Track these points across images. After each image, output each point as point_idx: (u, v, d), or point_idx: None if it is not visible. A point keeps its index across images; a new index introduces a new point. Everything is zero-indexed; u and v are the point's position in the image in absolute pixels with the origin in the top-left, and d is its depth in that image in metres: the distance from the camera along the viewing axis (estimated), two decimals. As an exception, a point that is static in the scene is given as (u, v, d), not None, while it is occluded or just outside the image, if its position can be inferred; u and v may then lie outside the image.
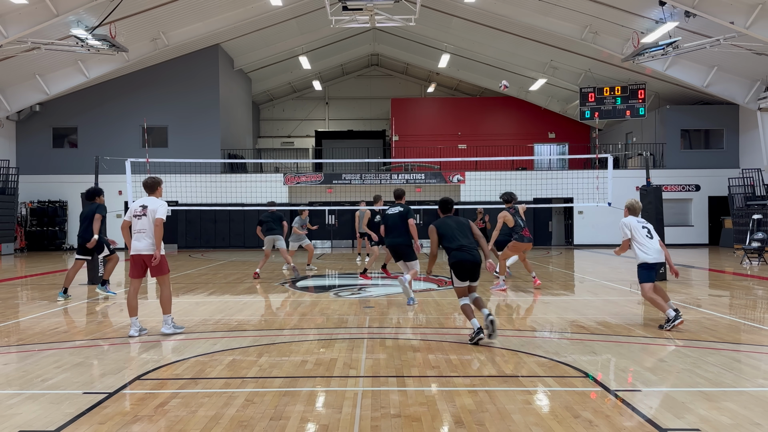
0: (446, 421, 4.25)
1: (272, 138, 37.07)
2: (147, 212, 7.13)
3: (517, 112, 33.58)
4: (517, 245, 11.04)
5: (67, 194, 26.27)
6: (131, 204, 7.39)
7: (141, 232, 7.12)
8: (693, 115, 27.29)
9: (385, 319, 8.25)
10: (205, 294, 11.28)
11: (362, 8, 17.54)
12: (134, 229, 7.16)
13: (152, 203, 7.21)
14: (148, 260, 7.10)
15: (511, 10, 22.79)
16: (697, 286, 12.16)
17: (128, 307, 7.24)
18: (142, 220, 7.12)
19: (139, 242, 7.12)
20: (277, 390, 5.01)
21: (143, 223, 7.11)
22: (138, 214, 7.15)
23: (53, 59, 22.58)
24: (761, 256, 16.94)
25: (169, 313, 7.30)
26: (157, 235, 7.07)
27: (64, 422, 4.23)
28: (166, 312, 7.28)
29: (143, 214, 7.13)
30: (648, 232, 7.70)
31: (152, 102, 26.87)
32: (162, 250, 7.18)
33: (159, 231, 7.07)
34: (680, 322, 7.28)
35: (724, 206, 25.89)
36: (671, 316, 7.31)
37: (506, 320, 8.28)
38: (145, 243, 7.09)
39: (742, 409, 4.43)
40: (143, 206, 7.18)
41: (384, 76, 36.91)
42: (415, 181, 27.03)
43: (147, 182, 7.42)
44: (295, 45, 28.66)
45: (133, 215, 7.19)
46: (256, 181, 24.70)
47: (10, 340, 7.18)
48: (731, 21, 18.04)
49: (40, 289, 12.27)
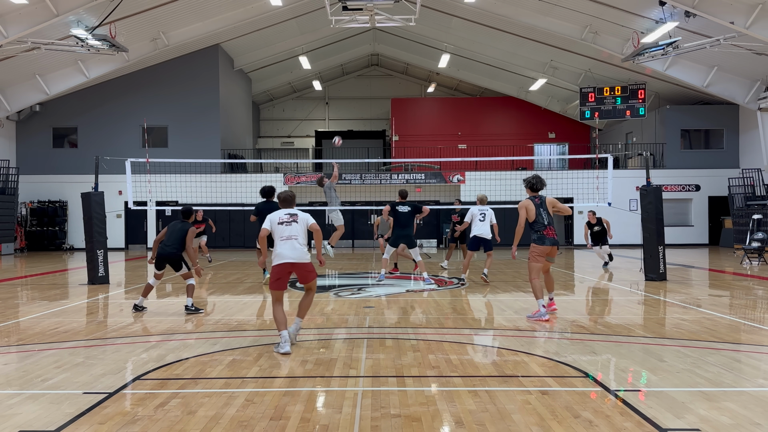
0: (446, 421, 4.25)
1: (272, 138, 37.07)
2: (298, 219, 6.53)
3: (517, 112, 33.58)
4: (537, 249, 8.30)
5: (67, 194, 26.27)
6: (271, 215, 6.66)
7: (293, 239, 6.46)
8: (693, 115, 27.29)
9: (385, 319, 8.25)
10: (205, 294, 11.27)
11: (362, 8, 17.55)
12: (282, 236, 6.49)
13: (300, 213, 6.63)
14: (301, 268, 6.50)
15: (511, 10, 22.79)
16: (697, 286, 12.16)
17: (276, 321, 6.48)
18: (292, 226, 6.49)
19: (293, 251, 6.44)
20: (277, 390, 5.01)
21: (294, 229, 6.49)
22: (286, 221, 6.53)
23: (53, 59, 22.58)
24: (761, 256, 16.94)
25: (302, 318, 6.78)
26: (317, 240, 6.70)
27: (64, 422, 4.23)
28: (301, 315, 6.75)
29: (293, 221, 6.52)
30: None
31: (152, 102, 26.87)
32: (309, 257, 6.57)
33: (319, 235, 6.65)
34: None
35: (724, 206, 25.88)
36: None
37: (506, 320, 8.27)
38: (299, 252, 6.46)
39: (742, 409, 4.43)
40: (291, 214, 6.58)
41: (384, 76, 36.91)
42: (415, 181, 27.03)
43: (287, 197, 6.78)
44: (295, 45, 28.66)
45: (279, 222, 6.53)
46: (256, 181, 24.63)
47: (10, 340, 7.18)
48: (731, 21, 18.04)
49: (40, 289, 12.28)
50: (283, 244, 6.48)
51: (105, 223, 13.20)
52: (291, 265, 6.47)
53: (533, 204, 8.30)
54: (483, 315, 8.97)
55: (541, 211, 8.26)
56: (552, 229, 8.31)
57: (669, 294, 10.62)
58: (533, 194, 8.46)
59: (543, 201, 8.38)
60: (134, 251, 26.01)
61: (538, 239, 8.26)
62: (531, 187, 8.48)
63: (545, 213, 8.29)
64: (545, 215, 8.27)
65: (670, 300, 9.94)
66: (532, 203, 8.31)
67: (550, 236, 8.24)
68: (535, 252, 8.30)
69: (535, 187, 8.46)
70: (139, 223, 26.88)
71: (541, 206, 8.31)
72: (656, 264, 12.45)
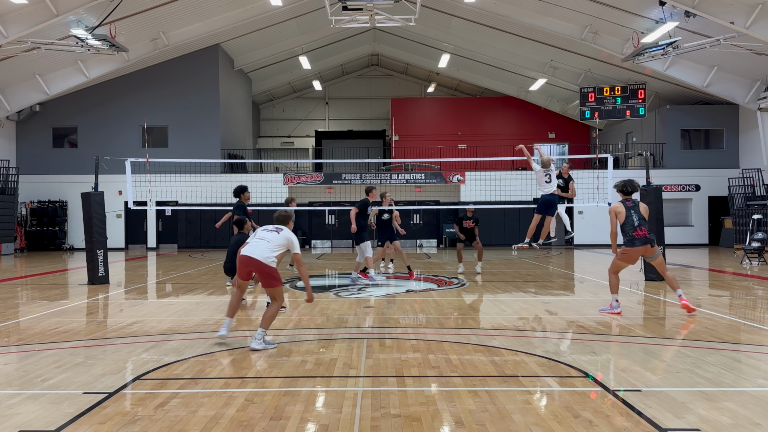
0: (446, 421, 4.25)
1: (272, 138, 37.06)
2: (280, 233, 6.59)
3: (517, 112, 33.58)
4: (627, 252, 8.41)
5: (67, 194, 26.27)
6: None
7: (265, 240, 6.54)
8: (693, 115, 27.30)
9: (385, 319, 8.25)
10: (205, 294, 11.28)
11: (362, 8, 17.55)
12: (257, 236, 6.63)
13: (287, 232, 6.67)
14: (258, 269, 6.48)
15: (511, 10, 22.79)
16: (697, 286, 12.16)
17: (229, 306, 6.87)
18: (272, 234, 6.58)
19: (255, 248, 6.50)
20: (277, 390, 5.01)
21: (272, 236, 6.55)
22: (270, 228, 6.66)
23: (53, 59, 22.58)
24: (761, 256, 16.94)
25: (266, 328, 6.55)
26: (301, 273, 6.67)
27: (64, 422, 4.23)
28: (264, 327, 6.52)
29: (276, 231, 6.61)
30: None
31: (152, 102, 26.87)
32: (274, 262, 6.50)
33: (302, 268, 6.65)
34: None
35: (724, 206, 25.89)
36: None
37: (506, 320, 8.28)
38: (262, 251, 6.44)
39: (742, 409, 4.43)
40: (279, 228, 6.66)
41: (384, 76, 36.91)
42: (415, 181, 27.03)
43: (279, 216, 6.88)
44: (295, 45, 28.66)
45: (263, 228, 6.69)
46: (256, 181, 24.69)
47: (10, 340, 7.18)
48: (731, 21, 18.04)
49: (40, 289, 12.28)
50: (252, 241, 6.64)
51: (105, 223, 13.20)
52: (249, 260, 6.45)
53: (624, 207, 8.46)
54: (483, 315, 8.97)
55: (632, 214, 8.38)
56: (643, 229, 8.34)
57: (669, 294, 10.61)
58: (625, 197, 8.63)
59: (636, 204, 8.54)
60: (134, 251, 26.01)
61: (628, 241, 8.36)
62: (623, 191, 8.68)
63: (635, 215, 8.38)
64: (635, 216, 8.36)
65: (670, 300, 9.94)
66: (623, 206, 8.47)
67: (641, 236, 8.29)
68: (625, 254, 8.46)
69: (626, 190, 8.66)
70: (139, 223, 26.88)
71: (633, 209, 8.44)
72: (656, 264, 12.42)
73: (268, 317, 6.50)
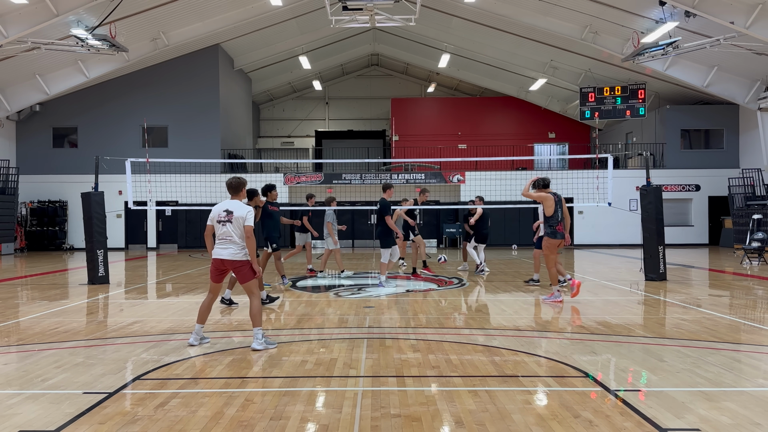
0: (446, 421, 4.25)
1: (272, 138, 37.06)
2: (233, 219, 6.47)
3: (517, 112, 33.57)
4: (551, 242, 9.52)
5: (67, 194, 26.27)
6: (214, 208, 6.68)
7: (226, 239, 6.50)
8: (693, 115, 27.29)
9: (385, 319, 8.25)
10: (205, 294, 11.26)
11: (362, 8, 17.54)
12: (218, 235, 6.57)
13: (238, 209, 6.52)
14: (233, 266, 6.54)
15: (511, 10, 22.78)
16: (697, 286, 12.16)
17: (199, 312, 6.74)
18: (226, 227, 6.48)
19: (224, 249, 6.50)
20: (277, 390, 5.01)
21: (228, 230, 6.48)
22: (222, 219, 6.51)
23: (53, 59, 22.58)
24: (761, 256, 16.94)
25: (260, 326, 6.53)
26: (250, 247, 6.47)
27: (64, 422, 4.23)
28: (256, 325, 6.52)
29: (228, 220, 6.48)
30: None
31: (152, 102, 26.87)
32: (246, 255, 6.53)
33: (252, 242, 6.46)
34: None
35: (724, 206, 25.88)
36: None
37: (506, 320, 8.28)
38: (230, 250, 6.48)
39: (742, 409, 4.43)
40: (228, 211, 6.51)
41: (384, 76, 36.91)
42: (415, 181, 27.02)
43: (232, 182, 6.70)
44: (295, 45, 28.66)
45: (217, 221, 6.54)
46: (257, 181, 24.51)
47: (10, 340, 7.18)
48: (731, 21, 18.04)
49: (40, 289, 12.27)
50: (218, 243, 6.59)
51: (105, 223, 13.20)
52: (222, 262, 6.54)
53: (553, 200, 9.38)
54: (483, 315, 8.97)
55: (558, 208, 9.38)
56: (561, 225, 9.49)
57: (669, 294, 10.62)
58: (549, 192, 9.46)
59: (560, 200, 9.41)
60: (134, 251, 26.01)
61: (552, 233, 9.41)
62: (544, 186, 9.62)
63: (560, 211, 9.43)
64: (560, 213, 9.42)
65: (670, 300, 9.94)
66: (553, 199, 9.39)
67: (560, 231, 9.47)
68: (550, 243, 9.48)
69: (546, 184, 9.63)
70: (139, 223, 26.88)
71: (559, 204, 9.40)
72: (656, 264, 12.45)
73: (256, 314, 6.52)
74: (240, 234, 6.50)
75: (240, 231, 6.50)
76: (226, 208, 6.56)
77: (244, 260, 6.50)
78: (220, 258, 6.52)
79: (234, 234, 6.48)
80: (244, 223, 6.47)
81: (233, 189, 6.69)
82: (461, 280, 12.93)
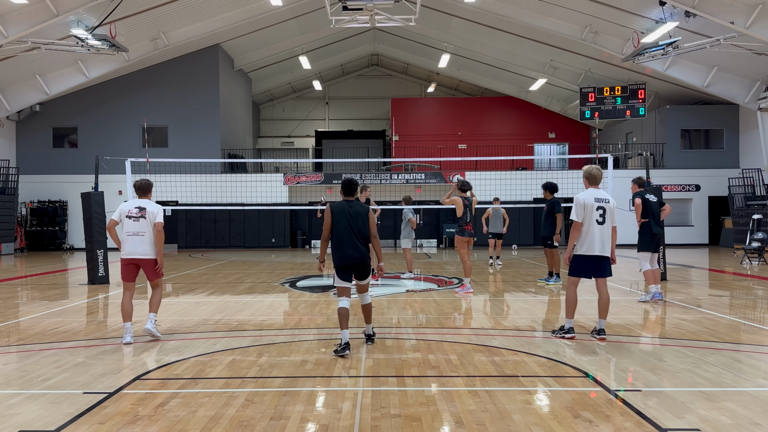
0: (446, 421, 4.25)
1: (272, 138, 37.07)
2: (146, 214, 6.83)
3: (517, 112, 33.58)
4: (462, 240, 10.82)
5: (67, 194, 26.27)
6: (122, 205, 7.01)
7: (139, 235, 6.81)
8: (693, 115, 27.29)
9: (385, 319, 8.25)
10: (205, 294, 11.28)
11: (362, 8, 17.53)
12: (128, 230, 6.83)
13: (150, 206, 6.90)
14: (146, 264, 6.88)
15: (511, 10, 22.78)
16: (697, 286, 12.16)
17: (123, 312, 6.87)
18: (140, 222, 6.81)
19: (138, 246, 6.81)
20: (277, 390, 5.01)
21: (141, 225, 6.81)
22: (134, 215, 6.82)
23: (53, 59, 22.58)
24: (761, 256, 16.94)
25: (156, 312, 7.07)
26: (158, 241, 6.88)
27: (64, 422, 4.23)
28: (153, 311, 7.04)
29: (141, 216, 6.81)
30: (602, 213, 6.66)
31: (152, 102, 26.87)
32: (155, 253, 6.98)
33: (161, 237, 6.89)
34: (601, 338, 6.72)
35: (724, 206, 25.88)
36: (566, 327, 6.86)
37: (506, 320, 8.28)
38: (144, 248, 6.82)
39: (742, 409, 4.43)
40: (140, 208, 6.84)
41: (384, 76, 36.91)
42: (415, 181, 27.03)
43: (142, 184, 7.04)
44: (295, 45, 28.66)
45: (127, 216, 6.83)
46: (256, 181, 24.71)
47: (10, 340, 7.18)
48: (731, 21, 18.04)
49: (40, 289, 12.28)
50: (128, 239, 6.83)
51: (105, 223, 13.20)
52: (136, 261, 6.88)
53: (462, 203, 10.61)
54: (483, 315, 8.97)
55: (467, 209, 10.67)
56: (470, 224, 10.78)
57: (669, 294, 10.62)
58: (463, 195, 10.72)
59: (471, 202, 10.73)
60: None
61: (461, 231, 10.74)
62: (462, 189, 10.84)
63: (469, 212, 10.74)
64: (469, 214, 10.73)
65: (670, 300, 9.94)
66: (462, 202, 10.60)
67: (468, 230, 10.78)
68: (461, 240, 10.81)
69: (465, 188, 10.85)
70: (139, 223, 26.86)
71: (468, 207, 10.68)
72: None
73: (156, 302, 7.06)
74: (151, 233, 6.89)
75: (151, 228, 6.89)
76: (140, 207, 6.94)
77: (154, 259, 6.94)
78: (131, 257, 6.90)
79: (146, 231, 6.86)
80: (157, 218, 6.92)
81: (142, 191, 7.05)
82: (461, 280, 12.93)
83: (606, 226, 6.64)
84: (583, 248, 6.68)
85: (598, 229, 6.60)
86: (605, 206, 6.64)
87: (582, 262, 6.75)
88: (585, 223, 6.61)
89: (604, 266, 6.74)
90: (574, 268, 6.86)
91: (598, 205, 6.63)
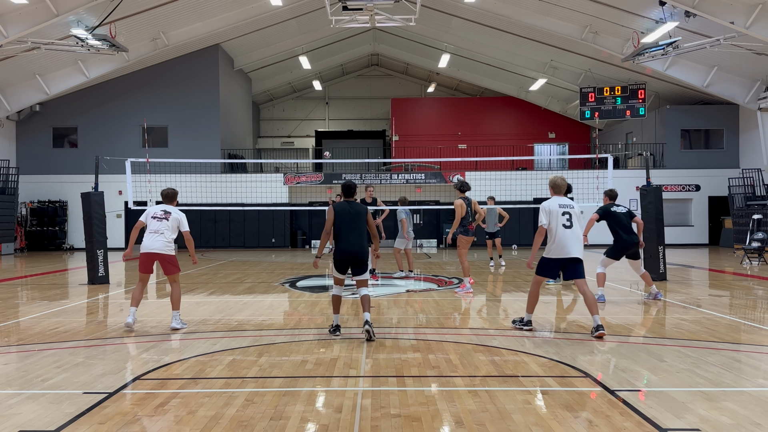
0: (446, 421, 4.25)
1: (272, 138, 37.06)
2: (170, 218, 7.58)
3: (517, 112, 33.57)
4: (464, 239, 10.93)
5: (67, 194, 26.26)
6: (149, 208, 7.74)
7: (159, 233, 7.51)
8: (693, 115, 27.29)
9: (385, 319, 8.25)
10: (205, 294, 11.28)
11: (362, 8, 17.53)
12: (151, 229, 7.55)
13: (175, 212, 7.66)
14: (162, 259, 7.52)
15: (511, 10, 22.78)
16: (697, 286, 12.16)
17: (132, 297, 7.63)
18: (162, 223, 7.54)
19: (155, 243, 7.49)
20: (277, 390, 5.01)
21: (163, 225, 7.54)
22: (159, 216, 7.56)
23: (53, 59, 22.58)
24: (761, 256, 16.93)
25: (178, 309, 7.69)
26: (189, 246, 7.68)
27: (64, 422, 4.23)
28: (176, 308, 7.66)
29: (165, 218, 7.56)
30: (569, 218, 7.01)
31: (152, 102, 26.86)
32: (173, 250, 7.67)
33: (191, 242, 7.72)
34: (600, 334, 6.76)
35: (724, 206, 25.88)
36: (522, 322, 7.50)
37: (506, 320, 8.28)
38: (160, 244, 7.49)
39: (742, 409, 4.43)
40: (166, 211, 7.61)
41: (384, 76, 36.90)
42: (415, 181, 27.03)
43: (168, 193, 7.82)
44: (295, 45, 28.65)
45: (152, 216, 7.57)
46: (256, 181, 24.69)
47: (10, 340, 7.18)
48: (731, 21, 18.03)
49: (40, 289, 12.28)
50: (148, 236, 7.55)
51: (105, 223, 13.21)
52: (153, 255, 7.52)
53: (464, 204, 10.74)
54: (483, 315, 8.97)
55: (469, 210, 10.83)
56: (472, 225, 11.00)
57: (669, 294, 10.62)
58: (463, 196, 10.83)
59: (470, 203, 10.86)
60: (134, 251, 25.97)
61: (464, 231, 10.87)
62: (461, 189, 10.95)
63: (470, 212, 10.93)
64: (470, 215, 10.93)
65: (670, 300, 9.94)
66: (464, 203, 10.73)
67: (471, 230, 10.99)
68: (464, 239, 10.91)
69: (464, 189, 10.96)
70: (139, 223, 26.87)
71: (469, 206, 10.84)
72: (656, 264, 12.45)
73: (176, 299, 7.64)
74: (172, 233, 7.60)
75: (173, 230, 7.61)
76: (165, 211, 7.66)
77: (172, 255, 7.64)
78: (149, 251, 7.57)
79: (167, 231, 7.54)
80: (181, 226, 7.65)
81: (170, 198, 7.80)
82: (461, 280, 12.92)
83: (574, 229, 7.04)
84: (551, 252, 7.07)
85: (566, 233, 6.98)
86: (570, 211, 7.06)
87: (548, 264, 7.17)
88: (552, 228, 7.00)
89: (575, 268, 7.11)
90: (540, 269, 7.27)
91: (564, 210, 7.03)
